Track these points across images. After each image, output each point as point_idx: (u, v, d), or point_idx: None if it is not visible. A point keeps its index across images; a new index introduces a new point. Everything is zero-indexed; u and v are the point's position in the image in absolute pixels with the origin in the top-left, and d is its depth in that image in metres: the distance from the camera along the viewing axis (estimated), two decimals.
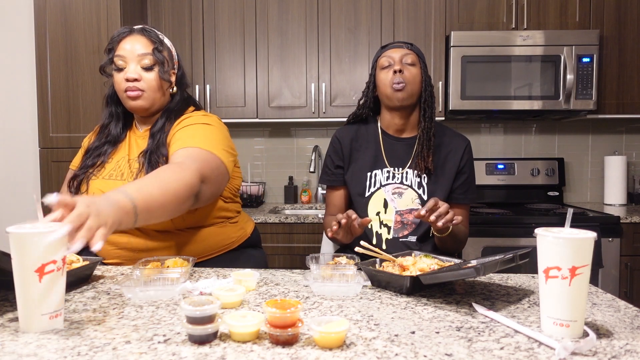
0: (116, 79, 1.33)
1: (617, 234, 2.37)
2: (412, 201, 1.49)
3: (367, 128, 1.60)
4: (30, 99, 2.84)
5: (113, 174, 1.31)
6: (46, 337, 0.75)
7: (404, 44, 1.52)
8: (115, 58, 1.33)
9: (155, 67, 1.33)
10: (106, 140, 1.39)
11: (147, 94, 1.32)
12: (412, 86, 1.47)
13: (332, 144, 1.62)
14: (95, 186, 1.30)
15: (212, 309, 0.72)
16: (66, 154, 2.50)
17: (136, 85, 1.30)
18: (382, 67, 1.50)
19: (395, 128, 1.56)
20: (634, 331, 0.78)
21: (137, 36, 1.34)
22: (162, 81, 1.34)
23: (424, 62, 1.53)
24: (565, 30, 2.60)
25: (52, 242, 0.76)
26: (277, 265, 2.50)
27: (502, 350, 0.70)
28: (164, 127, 1.33)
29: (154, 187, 0.98)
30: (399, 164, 1.53)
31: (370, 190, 1.52)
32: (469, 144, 1.57)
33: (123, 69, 1.32)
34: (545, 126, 3.05)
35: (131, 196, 0.91)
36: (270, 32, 2.76)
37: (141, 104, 1.33)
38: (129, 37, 1.33)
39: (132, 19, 2.61)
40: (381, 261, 1.11)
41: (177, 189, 1.03)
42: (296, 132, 3.13)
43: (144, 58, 1.31)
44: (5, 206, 2.92)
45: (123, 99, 1.34)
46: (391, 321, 0.82)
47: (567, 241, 0.73)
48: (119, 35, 1.35)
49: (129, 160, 1.34)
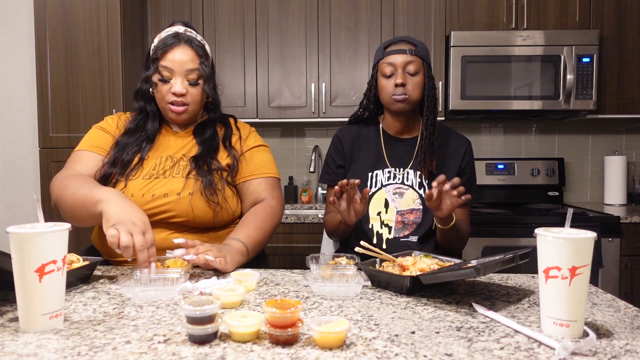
0: (161, 90, 1.34)
1: (617, 234, 2.37)
2: (413, 201, 1.49)
3: (368, 128, 1.60)
4: (30, 99, 2.84)
5: (153, 173, 1.33)
6: (46, 337, 0.75)
7: (407, 49, 1.45)
8: (161, 69, 1.33)
9: (200, 81, 1.36)
10: (142, 138, 1.39)
11: (190, 108, 1.37)
12: (414, 95, 1.46)
13: (333, 143, 1.62)
14: (134, 187, 1.30)
15: (212, 309, 0.72)
16: (66, 154, 2.46)
17: (182, 100, 1.34)
18: (384, 74, 1.47)
19: (397, 129, 1.56)
20: (634, 331, 0.78)
21: (185, 48, 1.34)
22: (204, 94, 1.39)
23: (428, 64, 1.48)
24: (565, 30, 2.60)
25: (52, 242, 0.76)
26: (277, 265, 2.50)
27: (502, 350, 0.70)
28: (214, 137, 1.41)
29: (258, 233, 1.30)
30: (400, 165, 1.53)
31: (371, 190, 1.52)
32: (470, 144, 1.57)
33: (169, 80, 1.34)
34: (545, 126, 3.05)
35: (244, 242, 1.25)
36: (270, 32, 2.76)
37: (184, 118, 1.38)
38: (176, 49, 1.34)
39: (132, 19, 2.61)
40: (381, 261, 1.11)
41: (273, 228, 1.36)
42: (296, 132, 3.13)
43: (191, 73, 1.34)
44: (5, 206, 2.92)
45: (164, 109, 1.37)
46: (391, 321, 0.82)
47: (567, 241, 0.73)
48: (164, 45, 1.34)
49: (171, 158, 1.37)
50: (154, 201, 1.28)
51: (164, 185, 1.30)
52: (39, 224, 0.80)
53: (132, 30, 2.61)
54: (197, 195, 1.29)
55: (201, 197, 1.30)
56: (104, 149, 1.38)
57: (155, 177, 1.32)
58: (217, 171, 1.35)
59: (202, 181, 1.31)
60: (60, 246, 0.78)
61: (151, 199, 1.28)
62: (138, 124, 1.41)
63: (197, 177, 1.32)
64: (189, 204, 1.28)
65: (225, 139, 1.43)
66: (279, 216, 1.40)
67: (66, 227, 0.79)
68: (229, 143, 1.43)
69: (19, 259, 0.75)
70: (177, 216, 1.29)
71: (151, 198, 1.28)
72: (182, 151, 1.39)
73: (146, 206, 1.28)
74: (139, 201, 1.28)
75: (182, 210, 1.29)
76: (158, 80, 1.35)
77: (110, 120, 1.45)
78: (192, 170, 1.33)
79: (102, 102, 2.49)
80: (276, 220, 1.38)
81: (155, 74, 1.35)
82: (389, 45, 1.49)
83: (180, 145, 1.40)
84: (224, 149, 1.41)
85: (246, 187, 1.41)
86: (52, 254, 0.76)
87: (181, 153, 1.39)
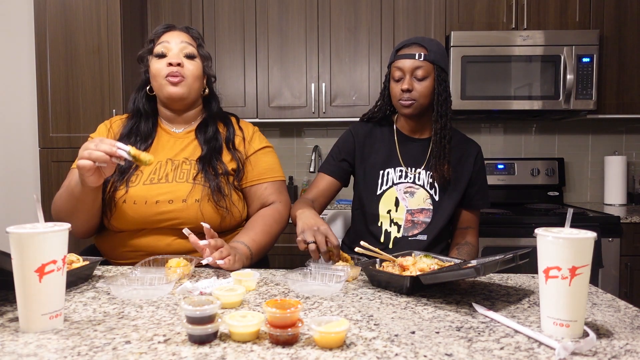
0: (157, 66, 1.33)
1: (617, 234, 2.37)
2: (424, 201, 1.49)
3: (382, 126, 1.58)
4: (30, 99, 2.84)
5: (154, 177, 1.30)
6: (46, 337, 0.75)
7: (416, 53, 1.42)
8: (157, 46, 1.34)
9: (197, 58, 1.36)
10: (137, 141, 1.36)
11: (187, 81, 1.34)
12: (421, 101, 1.44)
13: (344, 137, 1.59)
14: (136, 193, 1.27)
15: (212, 309, 0.72)
16: (66, 154, 2.50)
17: (179, 71, 1.32)
18: (394, 78, 1.46)
19: (410, 129, 1.55)
20: (634, 331, 0.78)
21: (181, 32, 1.38)
22: (202, 73, 1.38)
23: (440, 67, 1.43)
24: (565, 30, 2.60)
25: (52, 242, 0.76)
26: (277, 266, 2.49)
27: (502, 350, 0.70)
28: (216, 135, 1.39)
29: (264, 237, 1.31)
30: (413, 164, 1.52)
31: (382, 188, 1.51)
32: (480, 150, 1.57)
33: (165, 55, 1.33)
34: (545, 126, 3.05)
35: (249, 246, 1.26)
36: (270, 32, 2.76)
37: (180, 91, 1.33)
38: (172, 31, 1.37)
39: (132, 18, 2.61)
40: (381, 261, 1.11)
41: (279, 232, 1.38)
42: (296, 132, 3.13)
43: (187, 47, 1.35)
44: (5, 206, 2.92)
45: (161, 85, 1.33)
46: (391, 321, 0.82)
47: (567, 241, 0.73)
48: (162, 29, 1.37)
49: (171, 161, 1.34)
50: (158, 208, 1.26)
51: (168, 191, 1.28)
52: (39, 224, 0.80)
53: (132, 30, 2.61)
54: (205, 202, 1.28)
55: (209, 203, 1.28)
56: None
57: (156, 182, 1.29)
58: (223, 175, 1.33)
59: (210, 186, 1.29)
60: (60, 246, 0.78)
61: (155, 205, 1.26)
62: (131, 129, 1.39)
63: (204, 183, 1.29)
64: (198, 210, 1.27)
65: (228, 140, 1.40)
66: (286, 220, 1.41)
67: (66, 227, 0.79)
68: (233, 145, 1.40)
69: (19, 259, 0.75)
70: (184, 223, 1.26)
71: (155, 205, 1.26)
72: (183, 154, 1.36)
73: (151, 213, 1.26)
74: (141, 208, 1.25)
75: (190, 217, 1.27)
76: (154, 58, 1.34)
77: (103, 128, 1.43)
78: (198, 173, 1.31)
79: (102, 102, 2.49)
80: (283, 224, 1.40)
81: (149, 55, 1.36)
82: (401, 48, 1.46)
83: (180, 148, 1.37)
84: (228, 151, 1.39)
85: (253, 191, 1.40)
86: (52, 254, 0.76)
87: (182, 156, 1.35)
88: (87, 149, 1.06)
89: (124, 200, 1.27)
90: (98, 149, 1.05)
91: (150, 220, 1.27)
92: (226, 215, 1.32)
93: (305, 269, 1.08)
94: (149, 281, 0.98)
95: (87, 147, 1.07)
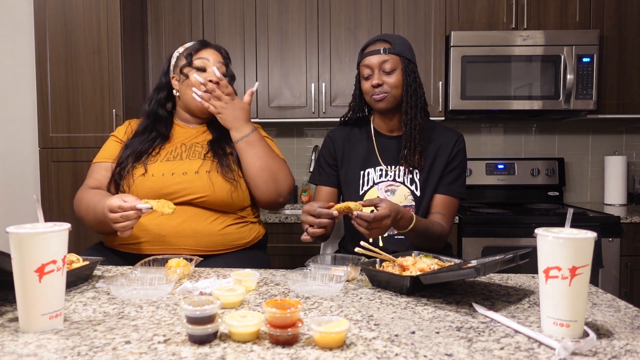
0: (197, 79, 1.43)
1: (617, 234, 2.37)
2: (405, 197, 1.49)
3: (360, 127, 1.60)
4: (30, 99, 2.84)
5: (170, 157, 1.45)
6: (46, 337, 0.75)
7: (381, 48, 1.44)
8: (196, 60, 1.48)
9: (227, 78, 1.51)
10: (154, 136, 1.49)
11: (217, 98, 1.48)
12: (393, 93, 1.45)
13: (325, 144, 1.62)
14: (154, 168, 1.41)
15: (212, 309, 0.72)
16: (66, 154, 2.50)
17: (214, 88, 1.44)
18: (363, 77, 1.49)
19: (386, 127, 1.56)
20: (634, 331, 0.78)
21: (215, 51, 1.53)
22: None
23: (408, 59, 1.44)
24: (565, 30, 2.60)
25: (52, 242, 0.76)
26: (277, 266, 2.50)
27: (502, 351, 0.70)
28: None
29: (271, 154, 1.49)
30: (391, 162, 1.53)
31: (363, 188, 1.52)
32: (461, 137, 1.54)
33: (205, 70, 1.48)
34: (545, 126, 3.05)
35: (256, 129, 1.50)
36: (270, 32, 2.75)
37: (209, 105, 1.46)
38: (208, 49, 1.52)
39: (132, 19, 2.61)
40: (381, 261, 1.11)
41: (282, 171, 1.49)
42: (296, 132, 3.13)
43: (221, 67, 1.51)
44: (5, 206, 2.92)
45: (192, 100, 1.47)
46: (391, 321, 0.82)
47: (567, 241, 0.73)
48: (199, 45, 1.51)
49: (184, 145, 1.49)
50: (174, 179, 1.37)
51: (182, 165, 1.41)
52: (39, 224, 0.80)
53: (132, 30, 2.61)
54: (215, 173, 1.40)
55: (218, 174, 1.40)
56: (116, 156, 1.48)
57: (172, 160, 1.43)
58: (231, 155, 1.46)
59: (219, 161, 1.43)
60: (60, 246, 0.78)
61: (171, 177, 1.38)
62: (146, 127, 1.51)
63: (213, 158, 1.43)
64: (209, 180, 1.39)
65: None
66: (290, 174, 1.51)
67: (66, 227, 0.79)
68: None
69: (19, 259, 0.75)
70: (196, 193, 1.36)
71: (171, 177, 1.38)
72: (194, 140, 1.50)
73: (166, 184, 1.37)
74: (159, 180, 1.38)
75: (201, 187, 1.37)
76: (194, 69, 1.46)
77: (121, 128, 1.56)
78: (208, 151, 1.45)
79: (102, 102, 2.49)
80: (286, 171, 1.50)
81: (188, 67, 1.47)
82: (367, 47, 1.49)
83: (193, 135, 1.52)
84: None
85: None
86: (52, 254, 0.76)
87: (194, 141, 1.50)
88: (116, 221, 1.19)
89: (142, 173, 1.40)
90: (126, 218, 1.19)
91: (166, 192, 1.36)
92: (236, 187, 1.42)
93: (305, 269, 1.08)
94: (148, 281, 0.98)
95: (115, 220, 1.19)
